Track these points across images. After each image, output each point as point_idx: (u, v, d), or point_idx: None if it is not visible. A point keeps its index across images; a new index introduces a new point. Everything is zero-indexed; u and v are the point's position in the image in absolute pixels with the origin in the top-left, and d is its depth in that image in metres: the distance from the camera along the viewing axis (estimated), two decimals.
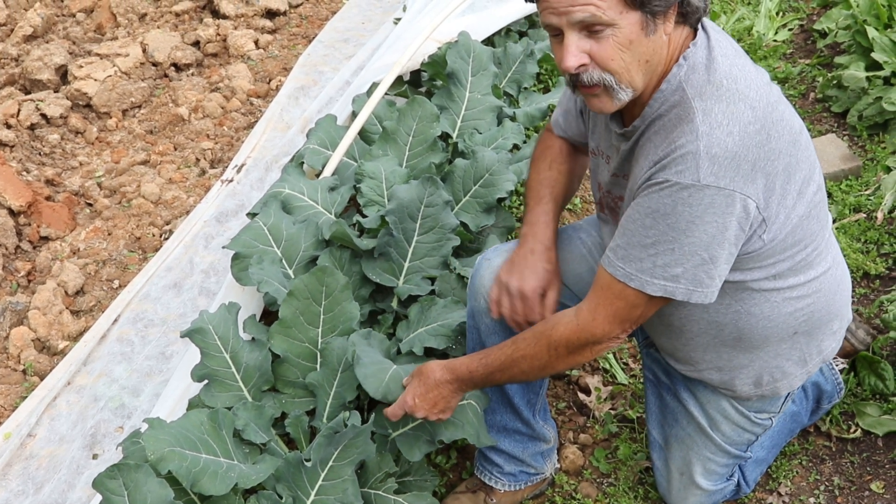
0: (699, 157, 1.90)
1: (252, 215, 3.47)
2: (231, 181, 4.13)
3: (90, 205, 4.40)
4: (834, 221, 3.75)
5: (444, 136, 3.97)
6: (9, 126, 4.73)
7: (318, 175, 3.76)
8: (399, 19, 5.19)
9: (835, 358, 2.98)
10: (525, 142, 4.01)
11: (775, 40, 5.28)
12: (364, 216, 3.45)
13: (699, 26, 2.06)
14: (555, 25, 1.96)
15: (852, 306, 3.36)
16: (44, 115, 4.88)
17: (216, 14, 6.02)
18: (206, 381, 2.75)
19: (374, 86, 4.10)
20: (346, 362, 2.72)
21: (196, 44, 5.70)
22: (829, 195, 3.91)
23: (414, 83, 4.45)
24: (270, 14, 6.09)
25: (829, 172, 3.97)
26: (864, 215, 3.76)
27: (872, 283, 3.45)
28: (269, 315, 3.37)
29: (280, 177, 3.70)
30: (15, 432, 3.10)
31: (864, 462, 2.87)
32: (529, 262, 2.39)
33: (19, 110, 4.84)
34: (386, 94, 4.08)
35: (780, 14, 5.52)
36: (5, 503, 2.90)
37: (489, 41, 4.81)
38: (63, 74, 5.28)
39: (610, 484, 2.94)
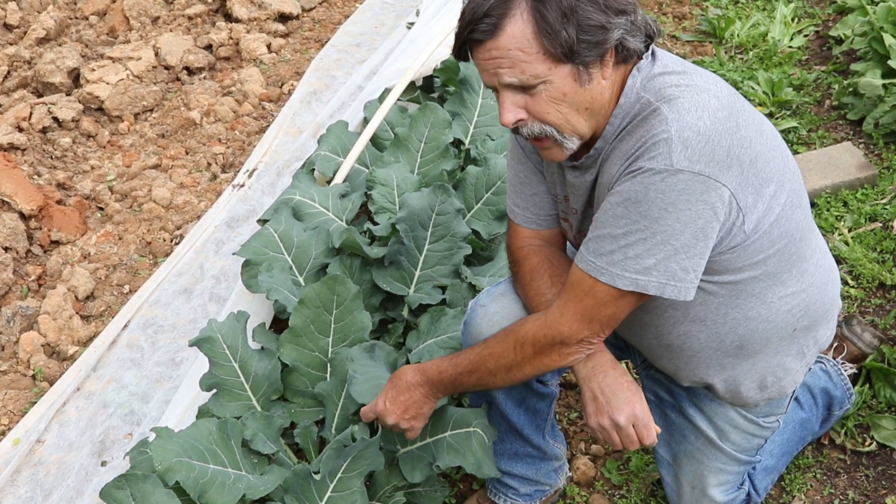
0: (671, 141, 1.86)
1: (263, 222, 3.47)
2: (242, 186, 4.12)
3: (101, 209, 4.40)
4: (849, 231, 3.72)
5: (457, 143, 3.95)
6: (21, 129, 4.73)
7: (329, 182, 3.75)
8: (412, 24, 5.18)
9: (843, 363, 2.95)
10: None
11: (790, 46, 5.25)
12: (375, 223, 3.44)
13: None
14: (490, 84, 1.98)
15: (856, 311, 3.34)
16: (56, 119, 4.89)
17: (229, 18, 6.02)
18: (214, 391, 2.74)
19: (387, 92, 4.08)
20: None
21: (208, 47, 5.70)
22: (845, 204, 3.88)
23: (426, 89, 4.44)
24: (283, 18, 6.09)
25: (844, 181, 3.93)
26: (880, 224, 3.72)
27: (888, 293, 3.41)
28: (279, 322, 3.36)
29: (291, 183, 3.69)
30: (24, 438, 3.10)
31: (880, 476, 2.84)
32: (611, 384, 2.19)
33: (31, 113, 4.84)
34: (398, 99, 4.07)
35: (796, 20, 5.48)
36: None
37: None
38: (75, 78, 5.28)
39: (622, 496, 2.91)
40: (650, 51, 2.02)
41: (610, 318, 2.07)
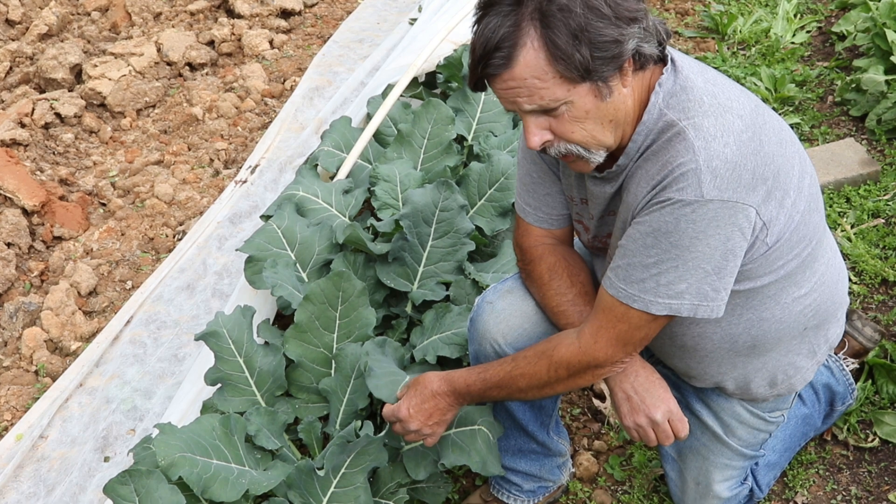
0: (700, 172, 1.86)
1: (266, 218, 3.46)
2: (245, 182, 4.12)
3: (104, 205, 4.40)
4: (852, 227, 3.71)
5: (460, 139, 3.95)
6: (23, 125, 4.73)
7: (332, 177, 3.74)
8: (415, 20, 5.17)
9: (845, 358, 2.95)
10: None
11: (793, 42, 5.24)
12: (378, 219, 3.43)
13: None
14: (511, 110, 1.98)
15: (859, 307, 3.34)
16: (58, 115, 4.88)
17: (231, 13, 6.01)
18: (218, 385, 2.74)
19: (390, 87, 4.07)
20: (359, 369, 2.70)
21: (211, 43, 5.69)
22: (847, 200, 3.87)
23: (429, 85, 4.43)
24: (285, 14, 6.08)
25: (847, 177, 3.93)
26: (883, 221, 3.72)
27: (891, 289, 3.41)
28: (281, 318, 3.36)
29: (294, 179, 3.69)
30: (27, 434, 3.10)
31: (882, 472, 2.84)
32: (644, 383, 2.23)
33: (34, 109, 4.84)
34: (401, 95, 4.06)
35: (798, 16, 5.47)
36: None
37: None
38: (78, 73, 5.28)
39: (624, 492, 2.91)
40: (671, 62, 2.01)
41: (643, 340, 2.11)
